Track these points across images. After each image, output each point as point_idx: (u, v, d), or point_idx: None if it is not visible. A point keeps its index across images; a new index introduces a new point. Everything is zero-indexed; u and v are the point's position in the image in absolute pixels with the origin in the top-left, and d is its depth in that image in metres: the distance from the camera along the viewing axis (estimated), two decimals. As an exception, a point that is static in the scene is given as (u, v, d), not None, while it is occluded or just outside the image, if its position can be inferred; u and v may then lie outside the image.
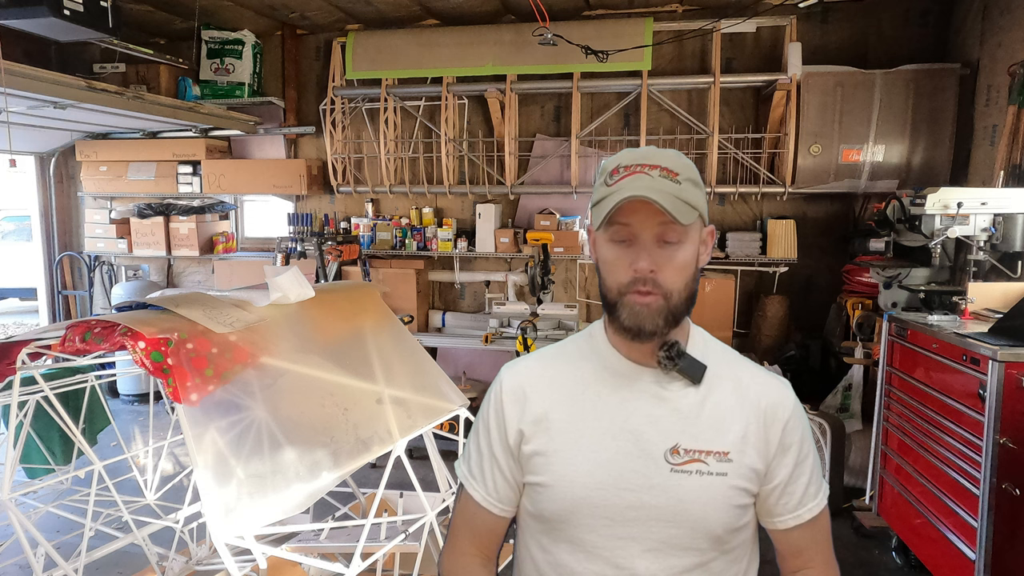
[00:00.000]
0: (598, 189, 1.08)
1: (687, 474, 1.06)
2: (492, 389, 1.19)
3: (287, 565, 2.53)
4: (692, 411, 1.09)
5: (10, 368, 2.09)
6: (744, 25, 4.74)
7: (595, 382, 1.13)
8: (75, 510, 2.82)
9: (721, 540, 1.09)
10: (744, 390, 1.13)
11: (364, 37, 5.32)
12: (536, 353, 1.24)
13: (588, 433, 1.10)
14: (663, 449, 1.07)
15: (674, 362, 1.08)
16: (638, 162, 1.05)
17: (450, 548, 1.23)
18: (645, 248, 1.03)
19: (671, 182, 1.02)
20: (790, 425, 1.12)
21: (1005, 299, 3.10)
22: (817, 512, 1.14)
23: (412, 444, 2.48)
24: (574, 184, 5.09)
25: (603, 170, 1.09)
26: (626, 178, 1.03)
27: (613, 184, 1.04)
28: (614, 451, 1.08)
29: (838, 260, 4.84)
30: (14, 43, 4.19)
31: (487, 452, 1.17)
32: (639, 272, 1.03)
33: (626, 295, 1.05)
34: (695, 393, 1.10)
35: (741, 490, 1.08)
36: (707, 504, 1.06)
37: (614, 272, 1.06)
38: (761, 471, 1.10)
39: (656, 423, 1.09)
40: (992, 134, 4.04)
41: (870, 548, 3.48)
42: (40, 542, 2.23)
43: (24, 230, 9.29)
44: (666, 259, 1.03)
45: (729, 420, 1.10)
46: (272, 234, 6.23)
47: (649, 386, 1.11)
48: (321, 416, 2.13)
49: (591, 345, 1.18)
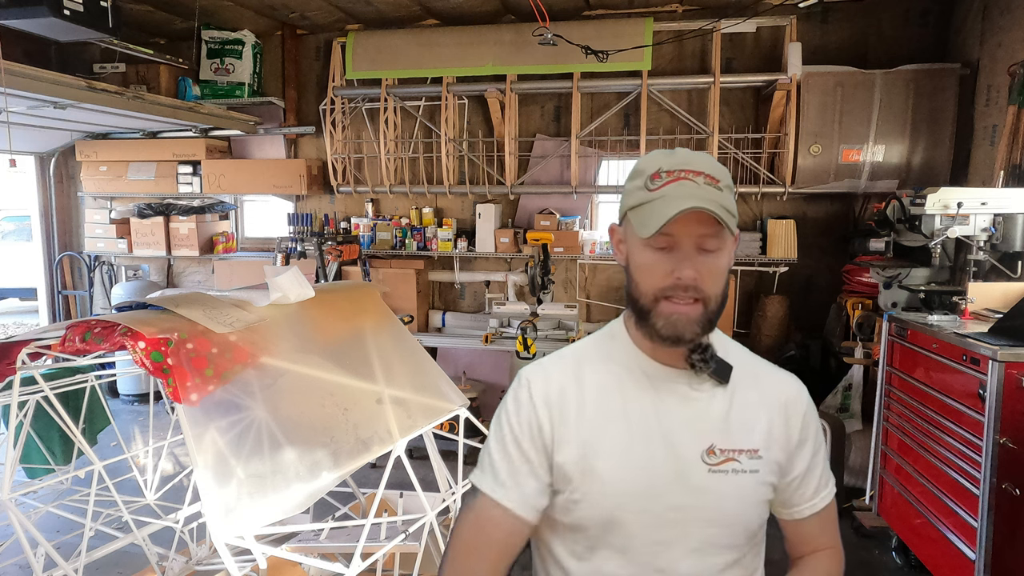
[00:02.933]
0: (636, 193, 1.05)
1: (724, 474, 1.08)
2: (516, 394, 1.14)
3: (287, 565, 2.53)
4: (722, 411, 1.10)
5: (10, 368, 2.09)
6: (744, 25, 4.74)
7: (625, 385, 1.11)
8: (75, 510, 2.82)
9: (754, 535, 1.12)
10: (764, 387, 1.15)
11: (364, 37, 5.32)
12: (556, 355, 1.19)
13: (623, 437, 1.08)
14: (699, 450, 1.08)
15: (708, 364, 1.08)
16: (680, 167, 1.02)
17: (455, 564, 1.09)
18: (688, 256, 1.01)
19: (715, 190, 1.01)
20: (807, 418, 1.16)
21: (1005, 299, 3.10)
22: (829, 500, 1.19)
23: (412, 444, 2.47)
24: (574, 184, 5.09)
25: (640, 172, 1.06)
26: (670, 184, 1.01)
27: (656, 189, 1.02)
28: (651, 455, 1.07)
29: (838, 260, 4.84)
30: (14, 43, 4.18)
31: (519, 458, 1.10)
32: (684, 279, 1.01)
33: (661, 301, 1.03)
34: (723, 393, 1.11)
35: (769, 485, 1.12)
36: (743, 501, 1.09)
37: (650, 277, 1.04)
38: (784, 465, 1.13)
39: (689, 425, 1.09)
40: (992, 134, 4.04)
41: (870, 548, 3.48)
42: (40, 542, 2.23)
43: (24, 230, 9.29)
44: (706, 266, 1.02)
45: (755, 417, 1.12)
46: (272, 234, 6.23)
47: (679, 388, 1.10)
48: (321, 416, 2.13)
49: (615, 347, 1.15)
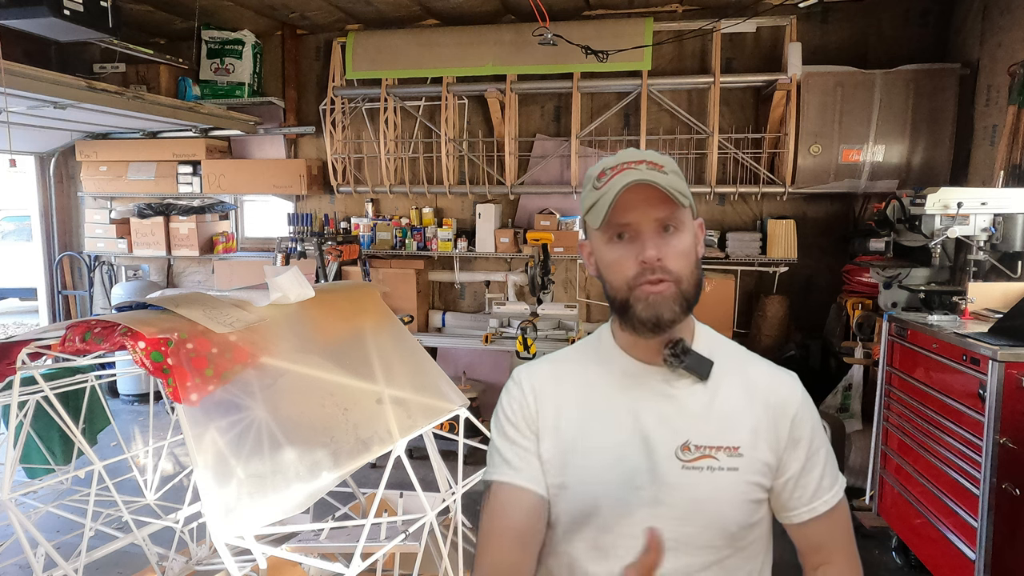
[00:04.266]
0: (588, 196, 1.09)
1: (698, 471, 1.06)
2: (508, 388, 1.20)
3: (287, 565, 2.53)
4: (701, 407, 1.10)
5: (10, 368, 2.09)
6: (744, 25, 4.74)
7: (604, 383, 1.14)
8: (75, 510, 2.82)
9: (735, 537, 1.08)
10: (752, 385, 1.13)
11: (364, 37, 5.32)
12: (546, 357, 1.24)
13: (600, 434, 1.10)
14: (673, 447, 1.08)
15: (680, 359, 1.08)
16: (622, 161, 1.07)
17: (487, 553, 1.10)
18: (649, 239, 1.04)
19: (659, 173, 1.04)
20: (799, 418, 1.12)
21: (1005, 299, 3.10)
22: (833, 504, 1.13)
23: (412, 444, 2.47)
24: (574, 184, 5.09)
25: (588, 177, 1.10)
26: (614, 176, 1.04)
27: (602, 186, 1.05)
28: (626, 451, 1.08)
29: (838, 260, 4.84)
30: (14, 43, 4.18)
31: (521, 441, 1.14)
32: (648, 261, 1.03)
33: (636, 288, 1.05)
34: (703, 390, 1.10)
35: (754, 485, 1.09)
36: (719, 500, 1.06)
37: (619, 270, 1.06)
38: (773, 465, 1.10)
39: (666, 421, 1.09)
40: (992, 134, 4.04)
41: (870, 548, 3.48)
42: (40, 542, 2.23)
43: (24, 230, 9.29)
44: (670, 246, 1.04)
45: (738, 415, 1.10)
46: (272, 234, 6.23)
47: (658, 385, 1.11)
48: (321, 416, 2.13)
49: (599, 348, 1.18)
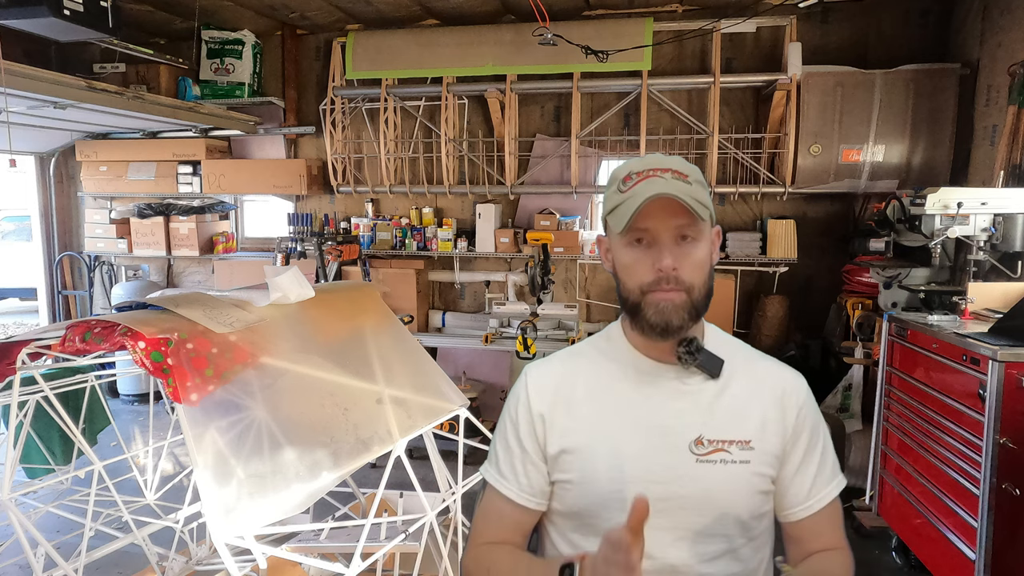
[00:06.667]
0: (612, 197, 1.12)
1: (712, 464, 1.11)
2: (517, 389, 1.23)
3: (287, 565, 2.53)
4: (712, 403, 1.14)
5: (10, 368, 2.09)
6: (744, 25, 4.74)
7: (618, 380, 1.17)
8: (75, 510, 2.82)
9: (747, 526, 1.13)
10: (760, 380, 1.18)
11: (364, 37, 5.32)
12: (556, 355, 1.27)
13: (615, 429, 1.14)
14: (688, 441, 1.12)
15: (693, 357, 1.12)
16: (649, 167, 1.09)
17: (473, 544, 1.22)
18: (666, 247, 1.07)
19: (683, 183, 1.07)
20: (803, 411, 1.18)
21: (1005, 299, 3.10)
22: (828, 501, 1.19)
23: (412, 444, 2.47)
24: (574, 184, 5.09)
25: (614, 178, 1.13)
26: (640, 183, 1.07)
27: (628, 190, 1.08)
28: (641, 445, 1.12)
29: (838, 260, 4.84)
30: (14, 43, 4.18)
31: (517, 449, 1.19)
32: (664, 270, 1.06)
33: (649, 293, 1.08)
34: (714, 386, 1.15)
35: (763, 476, 1.14)
36: (732, 491, 1.11)
37: (635, 274, 1.10)
38: (780, 456, 1.15)
39: (680, 417, 1.13)
40: (992, 134, 4.04)
41: (870, 548, 3.48)
42: (40, 542, 2.23)
43: (24, 230, 9.29)
44: (686, 257, 1.08)
45: (748, 409, 1.15)
46: (272, 234, 6.23)
47: (671, 382, 1.15)
48: (321, 416, 2.13)
49: (611, 346, 1.22)
